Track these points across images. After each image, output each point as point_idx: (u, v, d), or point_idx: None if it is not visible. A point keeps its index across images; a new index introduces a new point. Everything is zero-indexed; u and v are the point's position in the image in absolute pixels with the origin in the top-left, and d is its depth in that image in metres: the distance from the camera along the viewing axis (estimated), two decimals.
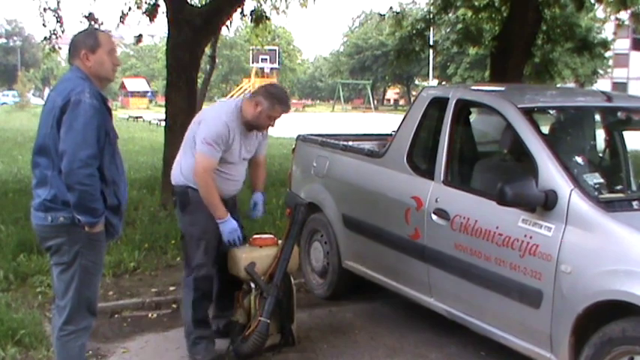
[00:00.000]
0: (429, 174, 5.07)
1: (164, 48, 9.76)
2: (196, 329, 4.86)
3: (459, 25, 15.21)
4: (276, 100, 4.83)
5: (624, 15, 15.68)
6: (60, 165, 3.63)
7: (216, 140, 4.65)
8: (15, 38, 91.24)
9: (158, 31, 54.65)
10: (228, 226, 4.81)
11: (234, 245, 4.89)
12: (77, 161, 3.57)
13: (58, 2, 11.84)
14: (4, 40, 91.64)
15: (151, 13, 11.67)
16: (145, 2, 12.13)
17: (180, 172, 4.87)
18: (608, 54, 39.74)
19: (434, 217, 4.84)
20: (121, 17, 12.48)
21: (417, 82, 71.77)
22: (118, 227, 3.96)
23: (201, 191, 4.74)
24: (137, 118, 39.81)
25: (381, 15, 16.27)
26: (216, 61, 19.06)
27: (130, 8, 12.45)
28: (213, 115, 4.78)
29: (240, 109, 4.80)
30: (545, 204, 4.04)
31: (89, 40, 3.83)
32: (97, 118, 3.65)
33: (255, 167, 5.22)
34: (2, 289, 6.11)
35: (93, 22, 11.54)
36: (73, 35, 3.96)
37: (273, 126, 5.01)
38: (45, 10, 11.90)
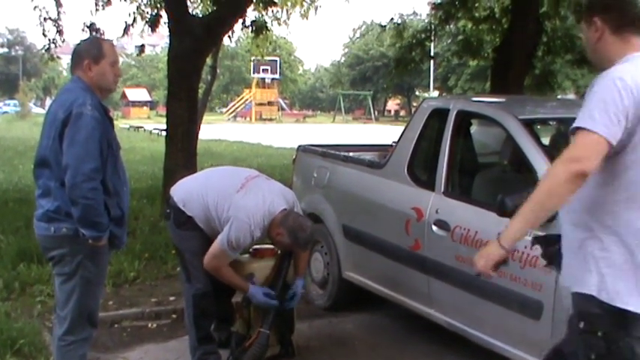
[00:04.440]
0: (429, 185, 5.07)
1: (165, 58, 9.77)
2: (201, 346, 4.84)
3: (460, 37, 15.25)
4: (295, 243, 4.77)
5: None
6: (62, 177, 3.63)
7: (238, 245, 4.63)
8: (17, 47, 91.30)
9: (159, 41, 54.60)
10: (256, 295, 4.79)
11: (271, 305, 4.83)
12: (80, 175, 3.57)
13: (59, 12, 11.87)
14: (5, 50, 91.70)
15: (153, 23, 11.72)
16: (147, 13, 12.18)
17: (183, 197, 4.79)
18: None
19: (434, 228, 4.84)
20: (125, 29, 12.51)
21: (417, 93, 71.84)
22: (122, 238, 3.96)
23: (219, 278, 4.76)
24: (138, 128, 39.80)
25: (381, 26, 16.33)
26: (218, 71, 19.09)
27: (134, 19, 12.49)
28: (248, 223, 4.58)
29: (270, 221, 4.68)
30: None
31: (93, 50, 3.83)
32: (99, 130, 3.65)
33: (298, 255, 5.05)
34: (2, 298, 6.10)
35: (94, 33, 11.57)
36: (76, 44, 3.96)
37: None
38: (45, 19, 11.93)
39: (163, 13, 10.74)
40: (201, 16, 12.61)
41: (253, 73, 62.08)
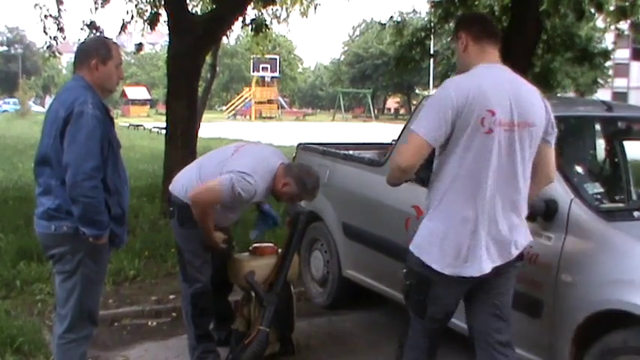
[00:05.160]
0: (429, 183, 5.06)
1: (165, 56, 9.79)
2: (200, 344, 4.85)
3: None
4: (304, 191, 4.78)
5: (624, 25, 15.72)
6: (63, 176, 3.63)
7: (238, 194, 4.49)
8: (16, 46, 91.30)
9: (159, 39, 54.63)
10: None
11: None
12: (81, 174, 3.57)
13: (59, 10, 11.86)
14: (5, 48, 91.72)
15: (152, 21, 11.70)
16: (146, 11, 12.17)
17: (183, 188, 4.76)
18: (608, 64, 39.81)
19: None
20: (122, 26, 12.51)
21: (417, 91, 71.76)
22: (123, 237, 3.96)
23: (195, 212, 4.62)
24: (138, 126, 39.81)
25: (381, 24, 16.32)
26: (217, 69, 19.09)
27: (132, 17, 12.49)
28: (253, 175, 4.52)
29: (273, 176, 4.69)
30: (546, 213, 4.04)
31: (102, 50, 3.84)
32: (100, 129, 3.65)
33: None
34: (2, 296, 6.11)
35: (95, 31, 11.56)
36: (80, 42, 3.97)
37: (291, 204, 5.06)
38: (46, 16, 11.92)
39: (163, 11, 10.72)
40: (200, 14, 12.59)
41: (253, 71, 62.03)
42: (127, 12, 12.66)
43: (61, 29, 12.02)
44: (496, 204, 3.45)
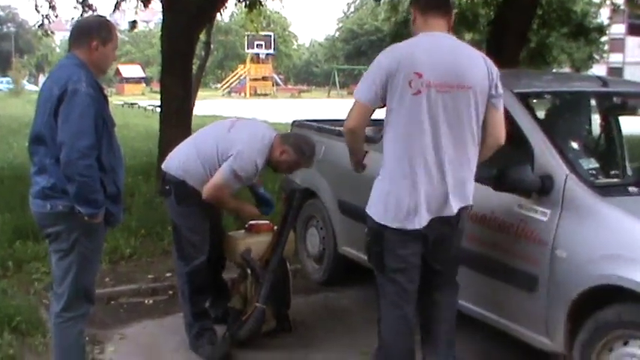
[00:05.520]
0: None
1: (159, 34, 9.72)
2: (196, 322, 4.86)
3: (455, 10, 15.18)
4: (302, 157, 4.86)
5: (620, 0, 15.67)
6: (57, 154, 3.62)
7: (243, 176, 4.66)
8: (9, 24, 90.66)
9: (152, 17, 54.28)
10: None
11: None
12: (75, 152, 3.55)
13: None
14: None
15: None
16: None
17: (180, 166, 4.77)
18: (603, 39, 39.65)
19: None
20: (115, 5, 12.43)
21: None
22: (118, 215, 3.95)
23: (217, 205, 4.85)
24: (132, 104, 39.65)
25: (376, 0, 16.25)
26: (212, 47, 19.01)
27: None
28: (249, 152, 4.64)
29: (269, 148, 4.75)
30: (541, 189, 4.04)
31: (104, 32, 3.82)
32: (94, 107, 3.64)
33: None
34: None
35: (88, 9, 11.48)
36: (78, 20, 3.94)
37: (289, 174, 5.18)
38: None
39: None
40: None
41: (247, 48, 61.73)
42: None
43: (52, 7, 11.96)
44: (435, 160, 3.72)
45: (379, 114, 3.97)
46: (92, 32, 3.81)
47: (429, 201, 3.75)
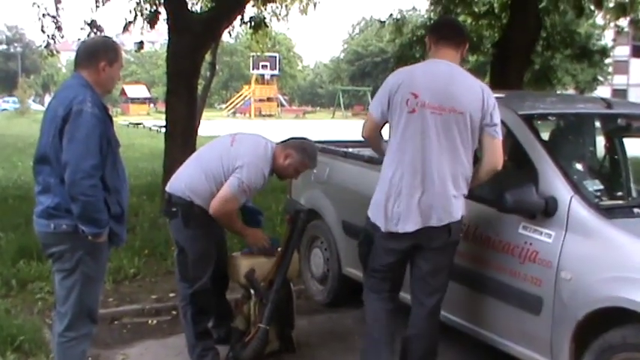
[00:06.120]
0: None
1: (164, 54, 9.77)
2: (199, 342, 4.84)
3: None
4: (307, 156, 4.94)
5: (624, 22, 15.71)
6: (62, 174, 3.64)
7: (251, 189, 4.73)
8: (16, 44, 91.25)
9: (159, 37, 54.54)
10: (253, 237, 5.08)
11: (265, 249, 5.09)
12: (80, 172, 3.57)
13: (57, 8, 11.84)
14: (4, 47, 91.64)
15: (152, 20, 11.67)
16: (146, 9, 12.15)
17: (187, 186, 4.75)
18: (607, 61, 39.76)
19: None
20: (125, 26, 12.48)
21: None
22: (122, 235, 3.96)
23: (222, 224, 4.85)
24: (137, 124, 39.82)
25: (381, 22, 16.33)
26: (217, 67, 19.03)
27: (135, 17, 12.47)
28: (256, 163, 4.71)
29: (272, 157, 4.82)
30: (546, 210, 4.05)
31: (111, 53, 3.87)
32: (99, 127, 3.66)
33: None
34: (2, 295, 6.12)
35: (95, 30, 11.53)
36: (84, 41, 3.99)
37: (296, 178, 5.19)
38: (44, 15, 11.90)
39: (162, 9, 10.71)
40: (200, 12, 12.57)
41: (252, 69, 61.98)
42: (130, 11, 12.66)
43: (59, 28, 12.00)
44: (422, 174, 4.03)
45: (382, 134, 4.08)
46: (100, 53, 3.85)
47: (415, 210, 4.06)
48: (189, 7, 10.75)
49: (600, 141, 5.57)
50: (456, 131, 4.03)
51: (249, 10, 12.91)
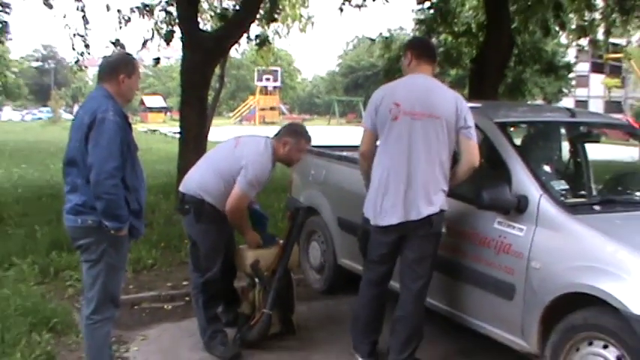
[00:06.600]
0: None
1: (179, 68, 9.75)
2: (210, 325, 4.84)
3: (441, 49, 15.25)
4: (301, 136, 4.90)
5: (584, 42, 15.76)
6: (88, 175, 3.65)
7: (260, 184, 4.73)
8: (49, 61, 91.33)
9: (174, 53, 54.40)
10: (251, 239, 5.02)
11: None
12: (104, 173, 3.58)
13: (86, 29, 11.87)
14: (40, 63, 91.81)
15: (168, 38, 11.68)
16: (163, 29, 12.17)
17: (199, 186, 4.74)
18: (571, 75, 39.76)
19: None
20: (143, 43, 12.50)
21: None
22: (140, 229, 3.95)
23: (234, 221, 4.80)
24: (154, 131, 39.73)
25: (371, 39, 16.29)
26: (225, 80, 19.00)
27: (152, 35, 12.49)
28: (262, 161, 4.71)
29: (272, 151, 4.80)
30: (518, 207, 4.06)
31: (129, 67, 3.88)
32: (120, 133, 3.67)
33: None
34: (37, 282, 6.13)
35: (118, 47, 11.54)
36: (106, 57, 4.00)
37: (299, 159, 5.08)
38: (74, 35, 11.93)
39: (177, 28, 10.70)
40: (210, 31, 12.56)
41: (257, 81, 61.84)
42: (148, 30, 12.67)
43: (87, 46, 12.04)
44: (406, 173, 4.13)
45: None
46: (120, 68, 3.86)
47: (399, 205, 4.15)
48: (200, 27, 10.73)
49: (565, 146, 5.58)
50: (433, 134, 4.14)
51: (255, 29, 12.89)
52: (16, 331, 4.70)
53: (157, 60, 12.62)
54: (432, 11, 13.91)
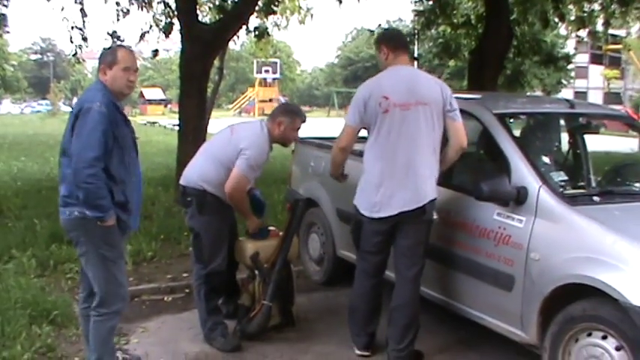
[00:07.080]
0: None
1: (178, 61, 9.74)
2: (210, 317, 4.84)
3: (440, 40, 15.22)
4: (294, 114, 4.90)
5: (584, 33, 15.74)
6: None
7: (259, 166, 4.73)
8: (48, 54, 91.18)
9: (173, 45, 54.27)
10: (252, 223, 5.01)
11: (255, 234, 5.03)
12: (82, 162, 3.57)
13: (84, 22, 11.83)
14: (39, 56, 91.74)
15: (167, 30, 11.70)
16: (162, 21, 12.15)
17: (200, 177, 4.74)
18: (570, 66, 39.74)
19: None
20: (141, 36, 12.49)
21: None
22: (129, 222, 3.90)
23: (235, 204, 4.78)
24: (154, 123, 39.70)
25: (370, 31, 16.22)
26: (224, 72, 18.98)
27: (150, 27, 12.47)
28: (259, 142, 4.73)
29: (268, 132, 4.80)
30: (517, 199, 4.05)
31: (108, 57, 3.84)
32: (104, 124, 3.63)
33: None
34: (37, 275, 6.13)
35: (116, 40, 11.52)
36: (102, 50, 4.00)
37: (297, 138, 5.10)
38: (72, 28, 11.89)
39: (176, 21, 10.68)
40: (209, 23, 12.53)
41: (256, 73, 61.73)
42: (146, 23, 12.66)
43: (84, 39, 12.00)
44: (399, 164, 4.19)
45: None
46: (100, 59, 3.87)
47: (394, 196, 4.20)
48: (199, 19, 10.71)
49: (565, 137, 5.57)
50: (424, 122, 4.21)
51: (253, 21, 12.85)
52: (16, 324, 4.70)
53: (156, 52, 12.60)
54: (430, 2, 13.89)
